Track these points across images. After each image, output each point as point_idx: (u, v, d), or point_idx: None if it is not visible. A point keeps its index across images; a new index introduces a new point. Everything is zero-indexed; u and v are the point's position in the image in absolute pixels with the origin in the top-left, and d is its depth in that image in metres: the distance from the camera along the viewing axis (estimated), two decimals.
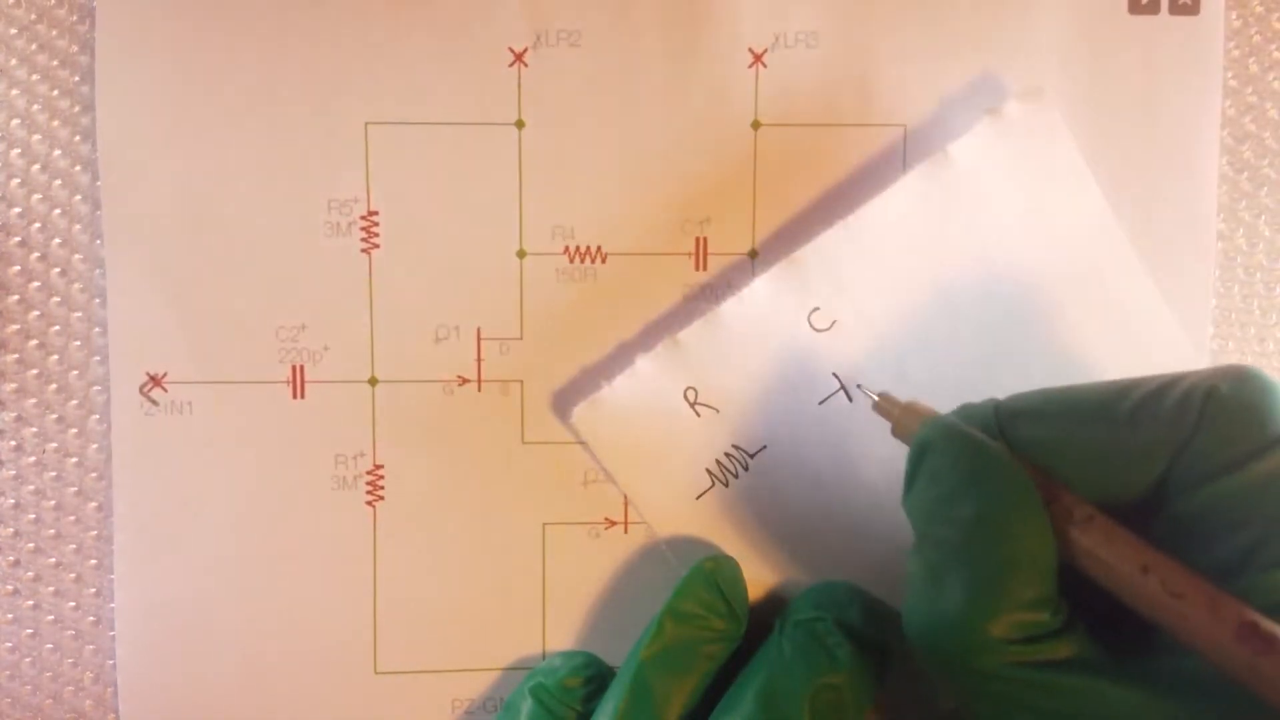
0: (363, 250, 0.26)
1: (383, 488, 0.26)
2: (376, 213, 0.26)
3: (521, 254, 0.26)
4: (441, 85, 0.25)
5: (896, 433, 0.22)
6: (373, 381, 0.26)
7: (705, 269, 0.26)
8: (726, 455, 0.26)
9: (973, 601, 0.18)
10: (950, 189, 0.25)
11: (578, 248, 0.26)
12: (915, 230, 0.25)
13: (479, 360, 0.26)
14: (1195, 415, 0.18)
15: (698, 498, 0.26)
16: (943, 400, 0.26)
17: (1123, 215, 0.26)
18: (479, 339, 0.26)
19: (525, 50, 0.26)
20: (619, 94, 0.26)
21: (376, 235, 0.26)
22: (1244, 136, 0.27)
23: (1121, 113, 0.26)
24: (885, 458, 0.26)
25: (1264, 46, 0.27)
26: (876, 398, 0.23)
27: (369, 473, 0.26)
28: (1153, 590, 0.17)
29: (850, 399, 0.26)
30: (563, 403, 0.26)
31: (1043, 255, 0.26)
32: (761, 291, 0.25)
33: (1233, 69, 0.27)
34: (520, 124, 0.26)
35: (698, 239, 0.26)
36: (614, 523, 0.26)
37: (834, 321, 0.26)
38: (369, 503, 0.26)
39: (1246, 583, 0.17)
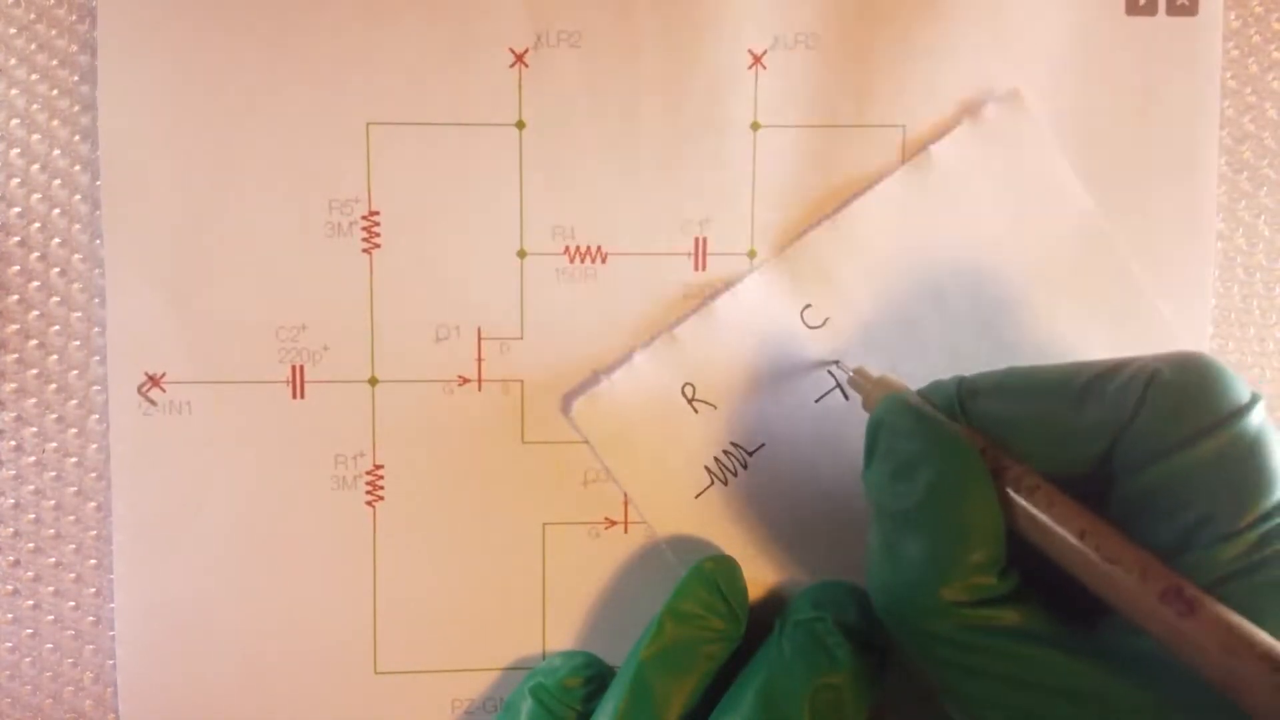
0: (363, 250, 0.26)
1: (383, 488, 0.26)
2: (377, 213, 0.26)
3: (522, 254, 0.26)
4: (442, 86, 0.25)
5: (867, 406, 0.23)
6: (373, 381, 0.26)
7: (705, 269, 0.26)
8: (725, 453, 0.26)
9: (924, 566, 0.19)
10: (933, 189, 0.26)
11: (578, 248, 0.26)
12: (902, 229, 0.26)
13: (479, 360, 0.26)
14: (1137, 398, 0.19)
15: (697, 496, 0.26)
16: None
17: (1122, 216, 0.26)
18: (479, 339, 0.26)
19: (526, 51, 0.26)
20: (619, 94, 0.26)
21: (377, 235, 0.26)
22: (1243, 137, 0.27)
23: (1120, 113, 0.26)
24: None
25: (1263, 47, 0.27)
26: (851, 373, 0.24)
27: (369, 473, 0.26)
28: (1088, 555, 0.18)
29: (847, 397, 0.26)
30: (563, 403, 0.26)
31: (1028, 253, 0.26)
32: (754, 288, 0.25)
33: (1232, 69, 0.27)
34: (520, 124, 0.26)
35: (697, 239, 0.26)
36: (614, 523, 0.26)
37: (826, 319, 0.26)
38: (369, 503, 0.26)
39: (1191, 560, 0.18)
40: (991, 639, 0.19)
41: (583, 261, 0.26)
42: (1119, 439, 0.19)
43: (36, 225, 0.25)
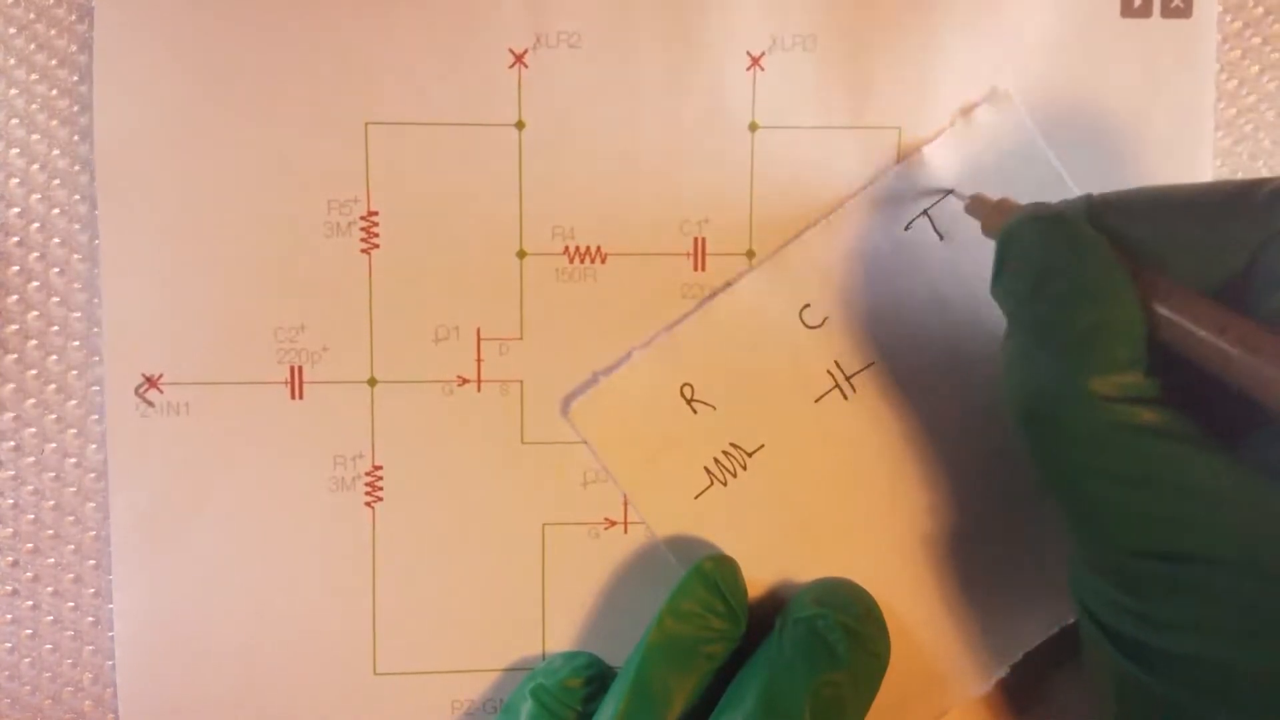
0: (362, 250, 0.26)
1: (382, 488, 0.26)
2: (376, 213, 0.26)
3: (521, 254, 0.26)
4: (442, 86, 0.25)
5: (986, 230, 0.23)
6: (372, 382, 0.26)
7: (704, 269, 0.26)
8: (724, 454, 0.26)
9: (1069, 363, 0.19)
10: (925, 189, 0.26)
11: (578, 248, 0.26)
12: (896, 229, 0.26)
13: (479, 360, 0.26)
14: None
15: (696, 497, 0.26)
16: (937, 395, 0.26)
17: None
18: (479, 339, 0.26)
19: (525, 51, 0.26)
20: (619, 95, 0.26)
21: (376, 235, 0.26)
22: (1240, 139, 0.27)
23: (1114, 116, 0.26)
24: (883, 455, 0.26)
25: (1260, 49, 0.27)
26: (968, 200, 0.24)
27: (368, 473, 0.26)
28: (1230, 348, 0.18)
29: (846, 396, 0.26)
30: (562, 403, 0.26)
31: None
32: (753, 287, 0.26)
33: (1229, 72, 0.27)
34: (520, 125, 0.26)
35: (696, 239, 0.26)
36: (614, 523, 0.26)
37: (825, 318, 0.26)
38: (368, 504, 0.26)
39: None
40: (1136, 437, 0.18)
41: (582, 262, 0.26)
42: (1262, 251, 0.19)
43: (35, 225, 0.25)
